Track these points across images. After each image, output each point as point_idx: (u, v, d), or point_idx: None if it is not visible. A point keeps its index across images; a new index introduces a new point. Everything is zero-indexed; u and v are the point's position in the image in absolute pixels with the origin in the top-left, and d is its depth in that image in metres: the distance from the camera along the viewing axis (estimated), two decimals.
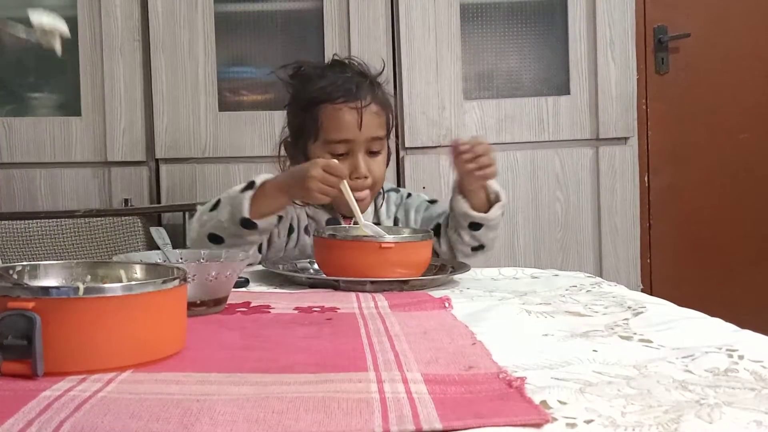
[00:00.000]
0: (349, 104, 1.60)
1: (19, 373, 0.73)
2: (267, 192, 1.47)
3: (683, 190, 2.87)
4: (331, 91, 1.61)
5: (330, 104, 1.60)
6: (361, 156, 1.61)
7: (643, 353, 0.84)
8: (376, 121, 1.63)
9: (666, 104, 2.86)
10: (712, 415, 0.62)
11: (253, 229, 1.47)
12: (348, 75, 1.65)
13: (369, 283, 1.29)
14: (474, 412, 0.64)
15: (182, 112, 2.32)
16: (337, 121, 1.60)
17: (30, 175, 2.32)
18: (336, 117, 1.60)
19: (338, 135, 1.60)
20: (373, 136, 1.61)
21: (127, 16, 2.31)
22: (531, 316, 1.06)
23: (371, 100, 1.62)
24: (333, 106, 1.60)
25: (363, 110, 1.59)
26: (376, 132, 1.62)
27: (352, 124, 1.59)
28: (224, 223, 1.47)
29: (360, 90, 1.61)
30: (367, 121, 1.60)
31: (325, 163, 1.43)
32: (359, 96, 1.60)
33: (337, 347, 0.88)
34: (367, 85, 1.64)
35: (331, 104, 1.60)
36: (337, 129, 1.60)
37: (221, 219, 1.48)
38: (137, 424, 0.62)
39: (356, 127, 1.59)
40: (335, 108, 1.60)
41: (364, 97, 1.61)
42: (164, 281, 0.83)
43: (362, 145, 1.61)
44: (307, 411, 0.64)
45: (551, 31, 2.45)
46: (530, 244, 2.37)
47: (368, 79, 1.66)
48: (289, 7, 2.45)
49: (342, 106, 1.60)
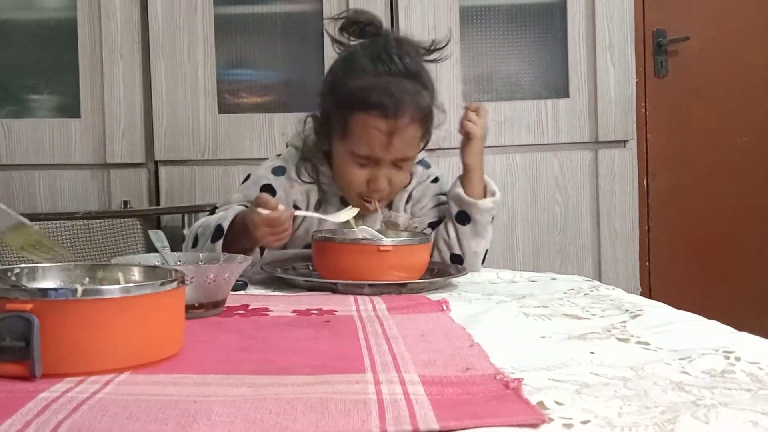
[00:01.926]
0: (384, 121, 1.45)
1: (17, 374, 0.74)
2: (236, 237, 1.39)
3: (682, 193, 2.87)
4: (367, 97, 1.46)
5: (364, 113, 1.46)
6: (384, 171, 1.50)
7: (640, 355, 0.84)
8: (409, 140, 1.49)
9: (665, 107, 2.86)
10: (708, 416, 0.63)
11: None
12: (395, 79, 1.48)
13: (367, 286, 1.29)
14: (471, 412, 0.64)
15: (181, 114, 2.32)
16: (366, 135, 1.46)
17: (29, 176, 2.32)
18: (365, 131, 1.46)
19: (363, 150, 1.48)
20: (401, 157, 1.50)
21: (126, 19, 2.32)
22: (529, 318, 1.06)
23: (409, 117, 1.46)
24: (366, 116, 1.46)
25: (396, 131, 1.45)
26: (406, 152, 1.50)
27: (380, 143, 1.46)
28: None
29: (400, 103, 1.45)
30: (398, 142, 1.47)
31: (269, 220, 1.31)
32: (396, 112, 1.45)
33: (335, 349, 0.88)
34: (412, 96, 1.48)
35: (365, 114, 1.46)
36: (364, 144, 1.47)
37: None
38: (135, 425, 0.62)
39: (384, 147, 1.47)
40: (367, 119, 1.46)
41: (402, 113, 1.45)
42: (162, 283, 0.83)
43: (389, 161, 1.49)
44: (304, 412, 0.64)
45: (550, 34, 2.45)
46: (529, 246, 2.37)
47: (417, 83, 1.50)
48: (289, 10, 2.45)
49: (375, 121, 1.45)
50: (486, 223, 1.58)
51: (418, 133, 1.51)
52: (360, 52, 1.53)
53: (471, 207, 1.55)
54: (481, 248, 1.59)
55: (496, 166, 2.35)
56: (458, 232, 1.57)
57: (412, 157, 1.55)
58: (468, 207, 1.55)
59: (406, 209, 1.63)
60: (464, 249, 1.57)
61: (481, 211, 1.56)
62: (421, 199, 1.64)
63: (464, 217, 1.56)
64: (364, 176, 1.50)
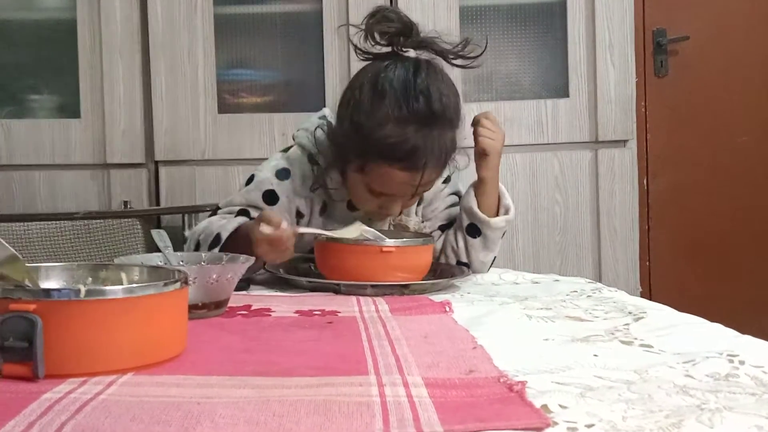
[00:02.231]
0: (406, 173, 1.39)
1: (20, 375, 0.74)
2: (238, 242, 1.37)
3: (682, 193, 2.87)
4: (391, 152, 1.37)
5: (386, 164, 1.38)
6: (400, 203, 1.47)
7: (643, 358, 0.84)
8: (431, 185, 1.47)
9: (665, 107, 2.86)
10: (713, 420, 0.62)
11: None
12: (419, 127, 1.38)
13: (370, 286, 1.29)
14: (475, 415, 0.64)
15: (181, 115, 2.32)
16: (387, 181, 1.41)
17: (29, 177, 2.32)
18: (387, 178, 1.40)
19: (383, 189, 1.43)
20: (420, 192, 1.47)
21: (126, 19, 2.31)
22: (532, 320, 1.06)
23: (434, 168, 1.41)
24: (388, 167, 1.38)
25: (420, 180, 1.40)
26: (427, 191, 1.49)
27: (401, 190, 1.43)
28: None
29: (425, 158, 1.37)
30: (420, 190, 1.45)
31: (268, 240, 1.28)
32: (422, 167, 1.38)
33: (338, 351, 0.88)
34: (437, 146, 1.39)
35: (386, 164, 1.38)
36: (383, 186, 1.42)
37: None
38: (138, 426, 0.62)
39: (405, 192, 1.43)
40: (390, 170, 1.39)
41: (427, 167, 1.38)
42: (165, 284, 0.83)
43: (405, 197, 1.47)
44: (307, 414, 0.64)
45: (550, 34, 2.45)
46: (529, 246, 2.37)
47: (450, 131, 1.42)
48: (289, 10, 2.45)
49: (397, 172, 1.39)
50: (496, 239, 1.55)
51: (441, 172, 1.48)
52: (388, 91, 1.41)
53: (483, 224, 1.53)
54: (489, 259, 1.57)
55: None
56: (467, 244, 1.54)
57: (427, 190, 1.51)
58: (479, 223, 1.53)
59: (417, 212, 1.61)
60: (472, 259, 1.55)
61: (492, 228, 1.53)
62: (432, 201, 1.61)
63: (475, 231, 1.54)
64: (377, 203, 1.47)
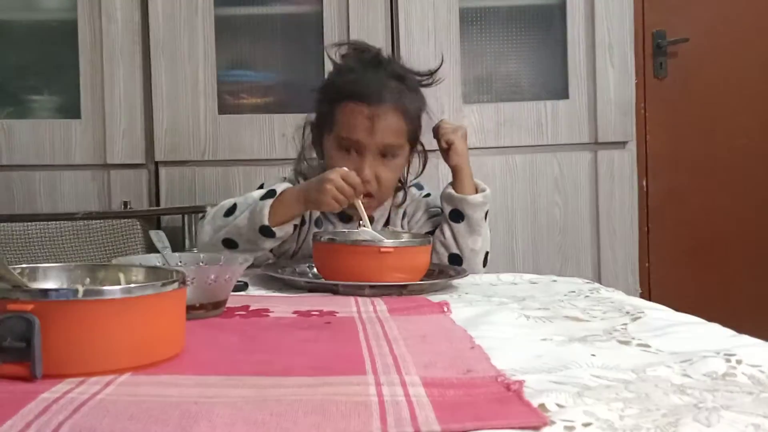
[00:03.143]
0: (366, 106, 1.57)
1: (18, 375, 0.73)
2: (285, 200, 1.49)
3: (682, 195, 2.87)
4: (354, 89, 1.59)
5: (350, 102, 1.59)
6: (370, 160, 1.58)
7: (641, 358, 0.84)
8: (393, 128, 1.59)
9: (664, 109, 2.86)
10: (710, 419, 0.62)
11: (271, 237, 1.50)
12: (380, 75, 1.62)
13: (368, 287, 1.29)
14: (472, 415, 0.64)
15: (182, 115, 2.32)
16: (351, 120, 1.58)
17: (29, 177, 2.32)
18: (351, 116, 1.58)
19: (348, 134, 1.59)
20: (386, 143, 1.59)
21: (127, 19, 2.32)
22: (530, 320, 1.06)
23: (393, 106, 1.59)
24: (352, 104, 1.58)
25: (378, 116, 1.57)
26: (390, 139, 1.59)
27: (364, 127, 1.57)
28: (242, 229, 1.50)
29: (383, 93, 1.58)
30: (381, 126, 1.57)
31: (345, 172, 1.46)
32: (380, 100, 1.58)
33: (336, 351, 0.88)
34: (396, 90, 1.60)
35: (351, 102, 1.59)
36: (349, 128, 1.58)
37: (239, 225, 1.50)
38: (136, 426, 0.62)
39: (368, 131, 1.57)
40: (352, 107, 1.58)
41: (383, 101, 1.58)
42: (163, 284, 0.83)
43: (373, 149, 1.58)
44: (305, 413, 0.64)
45: (550, 36, 2.45)
46: (529, 248, 2.37)
47: (402, 84, 1.62)
48: (289, 11, 2.45)
49: (359, 107, 1.58)
50: (479, 219, 1.62)
51: (401, 124, 1.60)
52: (352, 57, 1.68)
53: (462, 203, 1.61)
54: (479, 246, 1.62)
55: (496, 167, 2.36)
56: (453, 231, 1.62)
57: (397, 145, 1.61)
58: (459, 203, 1.61)
59: (403, 225, 1.71)
60: (461, 247, 1.62)
61: (472, 206, 1.61)
62: (415, 213, 1.73)
63: (457, 215, 1.62)
64: (350, 165, 1.54)
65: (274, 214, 1.48)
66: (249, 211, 1.50)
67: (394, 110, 1.59)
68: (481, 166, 2.35)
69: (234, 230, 1.51)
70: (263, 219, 1.48)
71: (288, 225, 1.51)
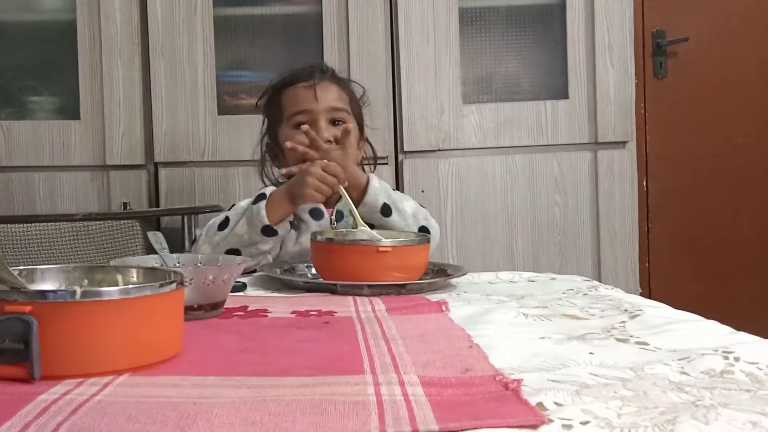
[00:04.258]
0: (305, 83, 1.75)
1: (16, 376, 0.73)
2: (274, 201, 1.57)
3: (682, 194, 2.87)
4: (293, 75, 1.78)
5: (291, 86, 1.77)
6: (324, 123, 1.71)
7: (639, 355, 0.84)
8: (333, 94, 1.76)
9: (664, 108, 2.86)
10: (707, 417, 0.62)
11: (273, 235, 1.56)
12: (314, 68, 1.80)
13: (366, 286, 1.29)
14: (471, 413, 0.64)
15: (181, 116, 2.32)
16: (295, 96, 1.75)
17: (29, 178, 2.32)
18: (294, 94, 1.75)
19: (297, 107, 1.73)
20: (332, 106, 1.73)
21: (126, 20, 2.32)
22: (528, 319, 1.06)
23: (330, 79, 1.78)
24: (292, 87, 1.76)
25: (317, 84, 1.74)
26: (334, 102, 1.74)
27: (308, 96, 1.73)
28: (242, 236, 1.56)
29: (319, 72, 1.78)
30: (322, 93, 1.73)
31: (324, 164, 1.54)
32: (313, 76, 1.76)
33: (334, 351, 0.88)
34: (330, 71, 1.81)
35: (292, 86, 1.77)
36: (295, 103, 1.74)
37: (238, 233, 1.57)
38: (134, 427, 0.62)
39: (312, 98, 1.73)
40: (294, 88, 1.76)
41: (322, 76, 1.77)
42: (161, 285, 0.83)
43: (322, 114, 1.72)
44: (303, 413, 0.64)
45: (550, 35, 2.45)
46: (529, 248, 2.37)
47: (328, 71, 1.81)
48: (289, 11, 2.45)
49: (301, 85, 1.75)
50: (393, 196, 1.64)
51: (341, 93, 1.78)
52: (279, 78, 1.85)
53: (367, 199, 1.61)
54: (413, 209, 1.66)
55: (496, 167, 2.36)
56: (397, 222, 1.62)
57: (342, 109, 1.75)
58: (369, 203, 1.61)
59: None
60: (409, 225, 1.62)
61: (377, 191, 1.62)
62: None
63: (386, 210, 1.62)
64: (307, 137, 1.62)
65: (269, 214, 1.55)
66: (245, 217, 1.57)
67: (331, 81, 1.78)
68: (481, 166, 2.36)
69: (234, 239, 1.57)
70: (263, 219, 1.54)
71: (285, 222, 1.59)
